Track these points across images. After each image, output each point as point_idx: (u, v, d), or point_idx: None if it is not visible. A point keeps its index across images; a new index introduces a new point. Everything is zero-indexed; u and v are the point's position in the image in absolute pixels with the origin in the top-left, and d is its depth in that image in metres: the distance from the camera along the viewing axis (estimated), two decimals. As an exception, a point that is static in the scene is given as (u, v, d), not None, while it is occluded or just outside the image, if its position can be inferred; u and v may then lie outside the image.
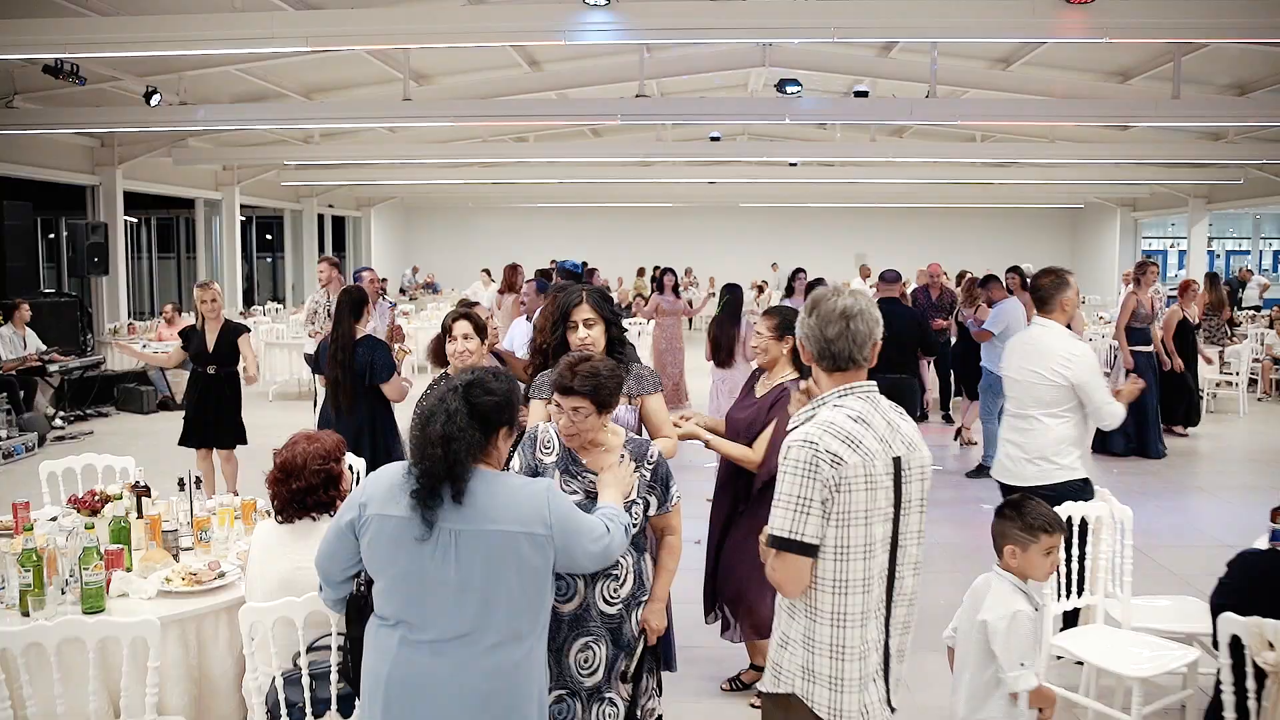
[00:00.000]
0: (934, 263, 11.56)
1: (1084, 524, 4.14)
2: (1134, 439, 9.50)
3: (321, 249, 22.89)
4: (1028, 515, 3.00)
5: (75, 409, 11.39)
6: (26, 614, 3.24)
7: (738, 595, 4.30)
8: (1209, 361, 11.75)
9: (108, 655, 3.06)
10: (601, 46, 10.58)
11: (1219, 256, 30.25)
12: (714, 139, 16.87)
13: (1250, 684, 2.83)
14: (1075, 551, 4.08)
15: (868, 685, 2.50)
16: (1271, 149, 14.72)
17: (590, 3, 7.17)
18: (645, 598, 3.08)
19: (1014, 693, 2.85)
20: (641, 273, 23.21)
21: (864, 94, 12.42)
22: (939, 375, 11.50)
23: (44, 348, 11.20)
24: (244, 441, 7.14)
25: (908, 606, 2.61)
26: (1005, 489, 4.62)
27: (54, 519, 4.01)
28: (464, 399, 2.43)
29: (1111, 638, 4.06)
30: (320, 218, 23.19)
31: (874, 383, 2.61)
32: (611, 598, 2.99)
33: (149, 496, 4.23)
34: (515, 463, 3.10)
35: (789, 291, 10.71)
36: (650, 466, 3.06)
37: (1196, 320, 11.38)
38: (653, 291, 11.90)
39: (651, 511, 3.07)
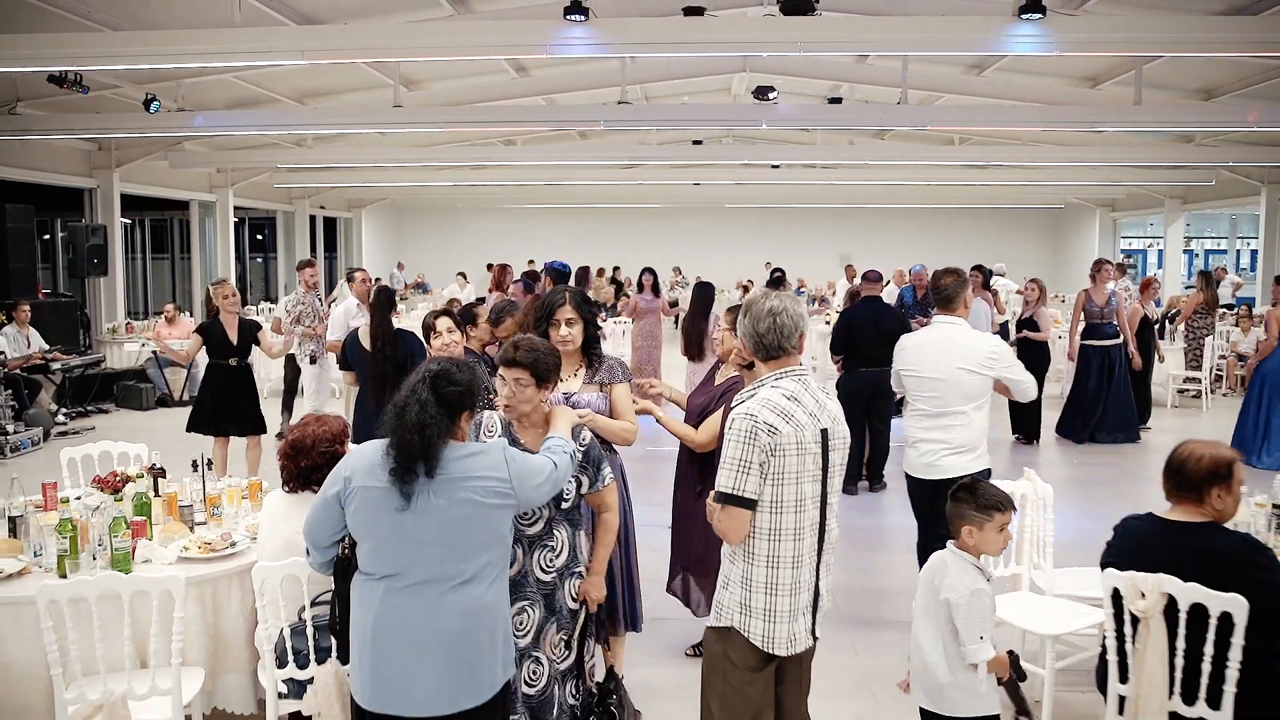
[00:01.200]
0: (921, 269, 11.94)
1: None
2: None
3: (313, 250, 23.16)
4: (981, 496, 3.28)
5: (77, 405, 11.73)
6: (64, 576, 3.65)
7: (700, 566, 4.67)
8: (1161, 360, 12.10)
9: (135, 612, 3.46)
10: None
11: (1198, 256, 30.76)
12: (696, 143, 17.25)
13: (1129, 629, 3.26)
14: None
15: (797, 617, 2.99)
16: (1240, 151, 15.15)
17: (571, 19, 7.59)
18: (578, 569, 3.44)
19: (973, 663, 3.17)
20: (601, 273, 21.86)
21: (838, 100, 12.85)
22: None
23: (47, 346, 11.56)
24: (264, 430, 7.60)
25: (832, 551, 3.09)
26: (919, 484, 4.86)
27: (78, 498, 4.39)
28: (431, 389, 2.83)
29: (1034, 603, 4.49)
30: (312, 219, 23.48)
31: (805, 367, 3.11)
32: (547, 567, 3.36)
33: (164, 478, 4.64)
34: None
35: (769, 289, 11.11)
36: (582, 449, 3.41)
37: (1161, 314, 11.77)
38: (622, 292, 12.11)
39: (584, 490, 3.44)
